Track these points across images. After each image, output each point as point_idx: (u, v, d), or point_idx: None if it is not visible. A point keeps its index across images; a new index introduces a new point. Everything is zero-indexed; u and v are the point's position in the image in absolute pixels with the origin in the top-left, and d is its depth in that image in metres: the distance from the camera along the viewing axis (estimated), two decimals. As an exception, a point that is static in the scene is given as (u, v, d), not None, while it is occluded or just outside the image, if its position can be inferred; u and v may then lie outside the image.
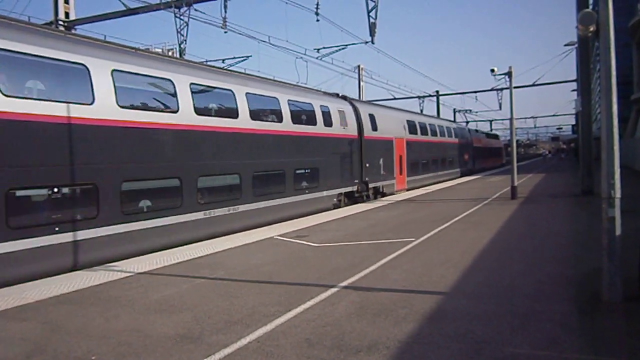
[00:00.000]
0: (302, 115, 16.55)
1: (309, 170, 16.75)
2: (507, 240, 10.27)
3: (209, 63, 19.37)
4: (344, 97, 20.69)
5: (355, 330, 5.26)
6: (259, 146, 14.01)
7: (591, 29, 6.61)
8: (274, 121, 14.94)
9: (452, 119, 55.78)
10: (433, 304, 6.07)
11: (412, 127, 26.70)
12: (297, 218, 15.08)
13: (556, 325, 5.22)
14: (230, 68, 20.53)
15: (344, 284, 7.17)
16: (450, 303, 6.12)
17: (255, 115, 14.05)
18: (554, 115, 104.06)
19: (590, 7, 19.90)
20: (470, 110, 63.40)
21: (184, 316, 5.95)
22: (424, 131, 28.86)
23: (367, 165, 20.45)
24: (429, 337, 5.00)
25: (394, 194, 23.03)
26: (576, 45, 24.11)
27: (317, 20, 20.43)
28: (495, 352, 4.59)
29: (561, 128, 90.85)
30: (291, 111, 15.65)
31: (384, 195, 22.32)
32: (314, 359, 4.60)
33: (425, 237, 10.93)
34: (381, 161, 22.04)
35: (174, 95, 11.46)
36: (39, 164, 8.50)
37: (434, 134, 31.01)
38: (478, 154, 43.95)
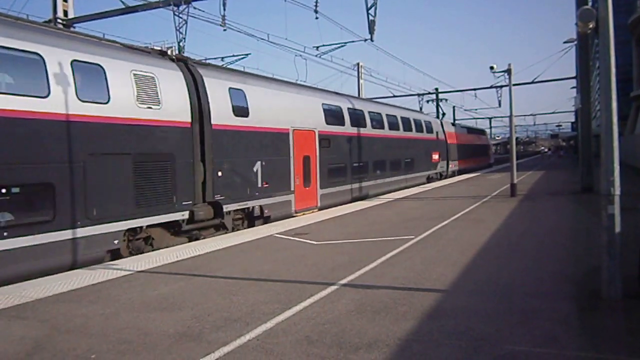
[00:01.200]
0: None
1: (17, 190, 8.21)
2: (506, 238, 10.27)
3: (207, 61, 19.09)
4: (181, 59, 12.61)
5: (355, 328, 5.26)
6: None
7: (590, 25, 6.61)
8: None
9: (452, 116, 53.86)
10: (432, 301, 6.08)
11: (334, 115, 18.50)
12: None
13: (555, 322, 5.22)
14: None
15: (344, 281, 7.17)
16: (449, 301, 6.13)
17: None
18: (553, 113, 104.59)
19: (590, 3, 19.86)
20: (446, 100, 50.26)
21: (184, 314, 5.95)
22: (357, 121, 20.25)
23: (220, 174, 12.54)
24: (428, 335, 5.01)
25: (294, 216, 15.28)
26: (575, 42, 24.08)
27: (317, 18, 20.41)
28: (495, 349, 4.59)
29: (561, 125, 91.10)
30: None
31: (266, 220, 14.19)
32: (314, 356, 4.60)
33: (425, 234, 10.93)
34: (258, 166, 13.92)
35: None
36: None
37: (377, 125, 22.29)
38: (455, 153, 36.03)
